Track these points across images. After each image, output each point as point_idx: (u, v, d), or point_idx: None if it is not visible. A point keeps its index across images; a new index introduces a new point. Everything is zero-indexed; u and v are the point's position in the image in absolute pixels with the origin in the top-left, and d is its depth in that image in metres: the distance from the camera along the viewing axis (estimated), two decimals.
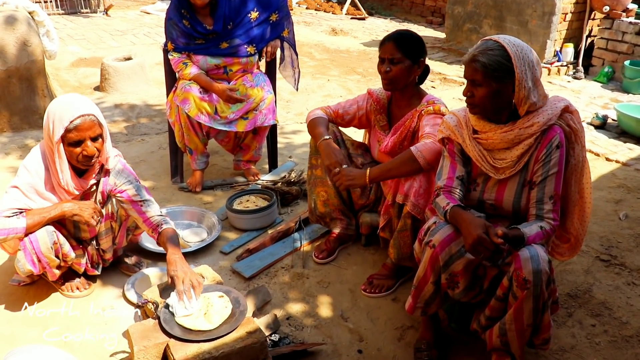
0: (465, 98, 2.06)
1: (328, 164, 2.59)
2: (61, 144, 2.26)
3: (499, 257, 1.94)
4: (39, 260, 2.34)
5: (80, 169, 2.40)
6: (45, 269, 2.39)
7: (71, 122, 2.22)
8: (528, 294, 1.89)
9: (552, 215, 2.05)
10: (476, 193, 2.20)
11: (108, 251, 2.64)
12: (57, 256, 2.38)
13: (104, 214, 2.53)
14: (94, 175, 2.45)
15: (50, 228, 2.35)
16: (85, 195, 2.49)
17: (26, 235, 2.29)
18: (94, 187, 2.49)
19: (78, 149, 2.28)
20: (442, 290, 2.13)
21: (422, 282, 2.13)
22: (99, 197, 2.52)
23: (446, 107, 2.60)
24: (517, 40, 2.00)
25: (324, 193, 2.86)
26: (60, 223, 2.45)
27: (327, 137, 2.66)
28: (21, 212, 2.30)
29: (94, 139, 2.30)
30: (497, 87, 1.96)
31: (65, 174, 2.33)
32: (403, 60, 2.54)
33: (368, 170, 2.50)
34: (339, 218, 2.93)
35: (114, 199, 2.54)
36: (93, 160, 2.33)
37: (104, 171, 2.48)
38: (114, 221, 2.60)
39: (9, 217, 2.26)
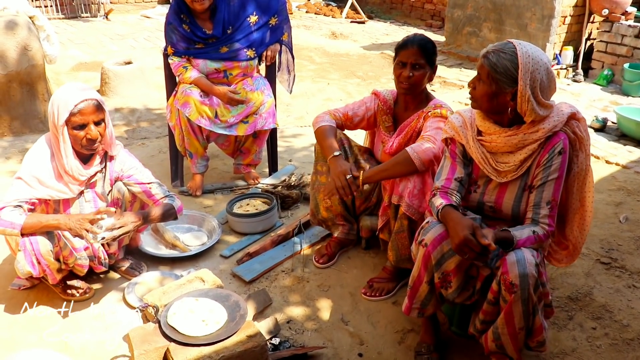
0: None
1: (337, 186, 2.53)
2: (65, 128, 2.34)
3: (485, 259, 1.93)
4: (39, 262, 2.34)
5: (84, 156, 2.46)
6: (45, 271, 2.39)
7: (75, 105, 2.32)
8: (516, 298, 1.90)
9: (547, 221, 2.03)
10: (476, 195, 2.20)
11: (112, 244, 2.64)
12: (57, 259, 2.38)
13: (109, 200, 2.60)
14: (98, 162, 2.50)
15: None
16: (91, 184, 2.53)
17: (22, 235, 2.30)
18: (99, 174, 2.54)
19: (82, 133, 2.36)
20: (437, 290, 2.13)
21: (416, 282, 2.13)
22: (107, 184, 2.58)
23: (452, 111, 2.60)
24: (536, 53, 1.92)
25: (328, 200, 2.86)
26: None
27: (338, 153, 2.61)
28: (22, 208, 2.33)
29: (97, 123, 2.38)
30: (495, 90, 1.95)
31: (69, 159, 2.39)
32: (425, 66, 2.55)
33: (361, 173, 2.52)
34: (341, 224, 2.93)
35: (120, 184, 2.61)
36: (96, 145, 2.40)
37: (109, 157, 2.56)
38: (118, 207, 2.63)
39: (14, 208, 2.31)
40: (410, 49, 2.55)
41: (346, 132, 2.93)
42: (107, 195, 2.60)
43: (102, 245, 2.61)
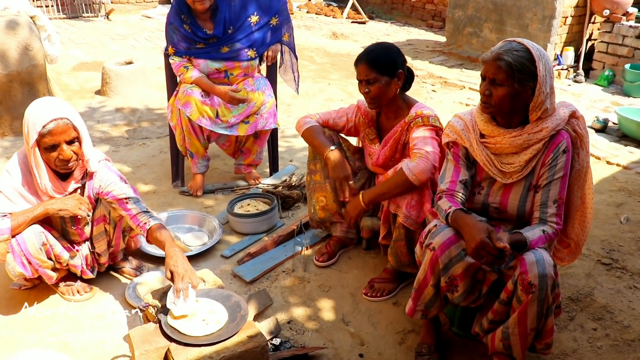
0: (481, 96, 2.06)
1: (335, 177, 2.64)
2: (37, 149, 2.26)
3: (501, 262, 1.94)
4: (29, 262, 2.33)
5: (62, 173, 2.39)
6: (38, 270, 2.39)
7: (44, 126, 2.21)
8: (533, 298, 1.89)
9: (555, 219, 2.05)
10: (481, 197, 2.20)
11: (103, 255, 2.63)
12: (49, 258, 2.38)
13: (97, 216, 2.52)
14: (76, 179, 2.43)
15: (38, 228, 2.34)
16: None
17: (13, 236, 2.29)
18: (79, 190, 2.47)
19: (54, 153, 2.26)
20: (442, 293, 2.13)
21: (422, 285, 2.13)
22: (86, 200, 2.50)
23: (436, 116, 2.56)
24: (537, 44, 2.01)
25: (323, 198, 2.87)
26: (50, 225, 2.45)
27: (333, 147, 2.68)
28: (4, 215, 2.30)
29: (69, 142, 2.28)
30: (518, 89, 1.96)
31: (43, 178, 2.32)
32: (379, 79, 2.51)
33: (360, 195, 2.56)
34: (339, 222, 2.93)
35: (104, 202, 2.52)
36: (71, 164, 2.32)
37: (89, 175, 2.47)
38: (107, 224, 2.58)
39: None
40: (359, 66, 2.56)
41: None
42: (93, 212, 2.51)
43: (93, 253, 2.61)
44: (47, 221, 2.41)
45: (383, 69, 2.51)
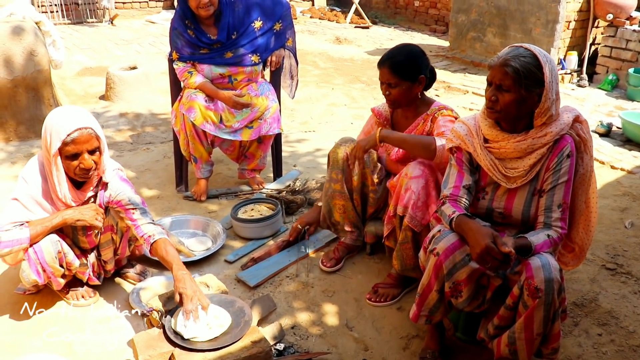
0: (486, 101, 2.06)
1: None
2: (58, 157, 2.26)
3: (506, 267, 1.93)
4: (44, 270, 2.35)
5: (78, 181, 2.40)
6: (50, 278, 2.40)
7: (68, 135, 2.21)
8: (539, 303, 1.88)
9: (560, 224, 2.04)
10: (485, 202, 2.20)
11: (109, 262, 2.64)
12: (61, 265, 2.39)
13: (104, 225, 2.52)
14: (92, 188, 2.44)
15: (55, 237, 2.35)
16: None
17: (30, 245, 2.30)
18: (92, 199, 2.48)
19: (75, 162, 2.26)
20: (446, 298, 2.12)
21: (426, 290, 2.12)
22: None
23: (457, 114, 2.62)
24: (543, 50, 2.01)
25: (342, 207, 2.87)
26: (62, 232, 2.46)
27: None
28: (22, 224, 2.30)
29: (91, 152, 2.28)
30: (524, 95, 1.96)
31: (62, 187, 2.32)
32: (401, 84, 2.55)
33: (378, 130, 2.59)
34: (350, 230, 2.93)
35: (112, 211, 2.53)
36: (90, 173, 2.33)
37: (102, 184, 2.47)
38: (114, 233, 2.59)
39: (9, 230, 2.26)
40: (381, 69, 2.59)
41: None
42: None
43: (99, 260, 2.62)
44: (59, 228, 2.42)
45: (405, 74, 2.54)
